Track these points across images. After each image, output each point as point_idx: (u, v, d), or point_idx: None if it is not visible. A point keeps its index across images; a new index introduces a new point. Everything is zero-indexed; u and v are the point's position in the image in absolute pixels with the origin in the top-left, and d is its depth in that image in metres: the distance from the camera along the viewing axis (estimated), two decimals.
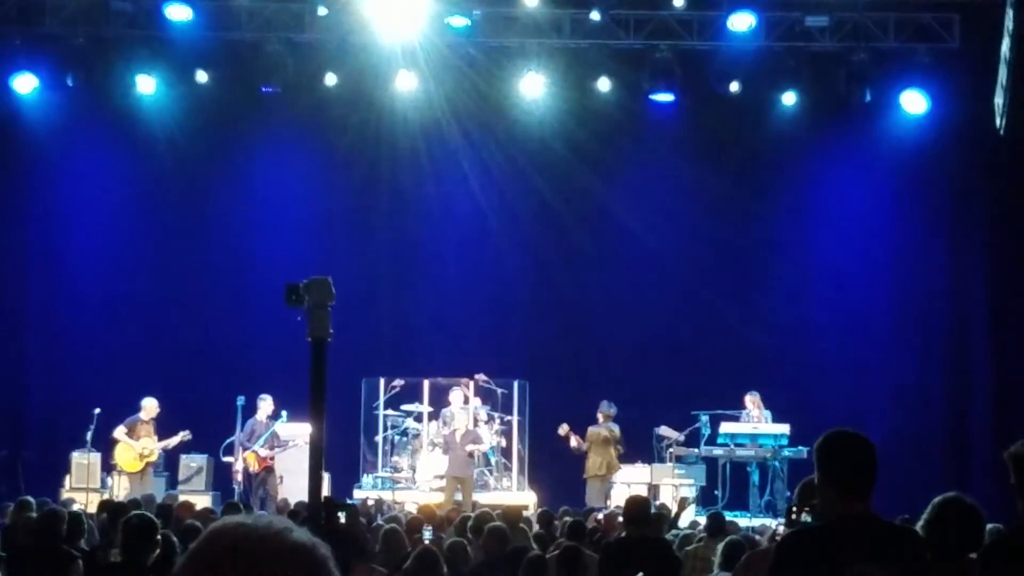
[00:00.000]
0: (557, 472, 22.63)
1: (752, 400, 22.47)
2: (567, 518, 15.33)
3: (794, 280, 24.60)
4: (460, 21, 22.31)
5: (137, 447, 21.28)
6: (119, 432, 21.34)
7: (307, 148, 24.87)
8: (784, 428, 21.99)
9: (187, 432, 21.62)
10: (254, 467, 21.42)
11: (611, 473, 22.08)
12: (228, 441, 21.74)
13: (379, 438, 23.03)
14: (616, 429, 22.16)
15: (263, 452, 21.40)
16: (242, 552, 2.40)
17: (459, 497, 20.91)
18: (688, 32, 23.08)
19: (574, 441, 22.20)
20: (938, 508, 6.32)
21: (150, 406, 21.65)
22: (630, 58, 23.40)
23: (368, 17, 22.09)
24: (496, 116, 24.35)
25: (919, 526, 6.38)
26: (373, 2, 21.66)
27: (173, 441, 21.69)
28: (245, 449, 21.41)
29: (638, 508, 11.33)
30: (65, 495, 20.73)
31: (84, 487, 21.15)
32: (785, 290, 24.49)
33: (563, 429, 22.28)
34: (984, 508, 6.51)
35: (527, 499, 21.98)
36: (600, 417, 22.27)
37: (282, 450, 21.59)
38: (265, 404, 21.67)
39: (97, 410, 21.27)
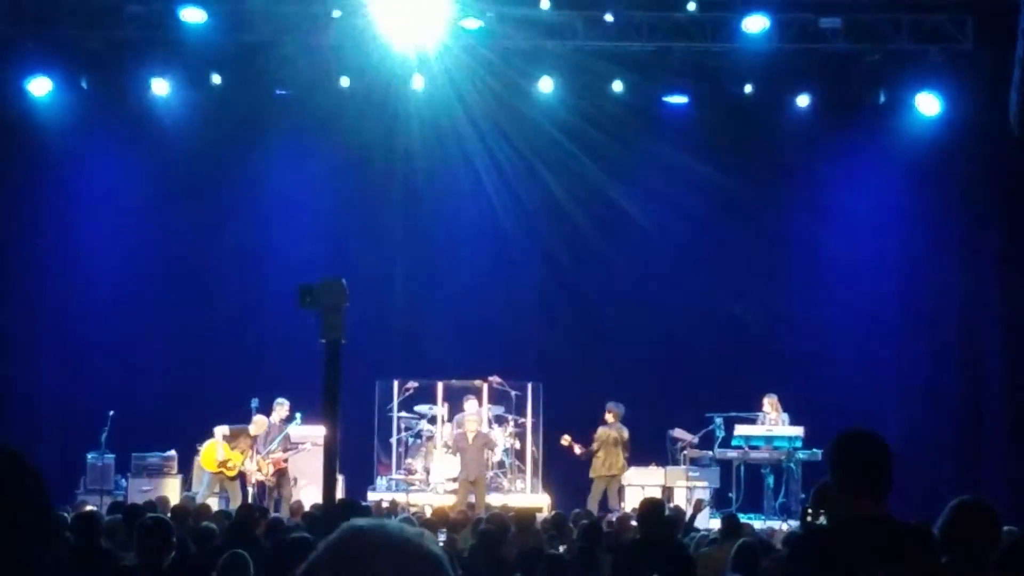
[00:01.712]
0: (571, 474, 22.59)
1: (770, 402, 22.41)
2: (583, 520, 15.32)
3: (807, 281, 24.57)
4: (473, 23, 22.30)
5: (222, 454, 21.19)
6: (221, 429, 21.18)
7: (321, 150, 24.87)
8: (798, 430, 21.96)
9: (271, 477, 21.55)
10: (267, 469, 21.42)
11: (620, 473, 22.05)
12: None
13: (393, 440, 23.04)
14: (626, 432, 22.11)
15: (276, 454, 21.42)
16: (384, 555, 2.43)
17: (472, 499, 20.90)
18: (702, 34, 23.05)
19: (578, 449, 22.12)
20: (955, 510, 6.30)
21: (261, 422, 21.48)
22: (644, 60, 23.37)
23: (382, 19, 22.12)
24: (510, 118, 24.34)
25: (936, 528, 6.37)
26: (387, 5, 21.68)
27: (256, 476, 21.59)
28: (258, 452, 21.42)
29: (652, 510, 11.33)
30: (80, 496, 20.79)
31: (98, 489, 21.16)
32: (798, 291, 24.46)
33: (565, 440, 22.20)
34: (997, 509, 6.49)
35: (541, 501, 21.97)
36: (610, 417, 22.17)
37: (295, 452, 21.61)
38: (281, 408, 21.66)
39: (111, 412, 21.30)
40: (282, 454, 21.46)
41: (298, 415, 21.51)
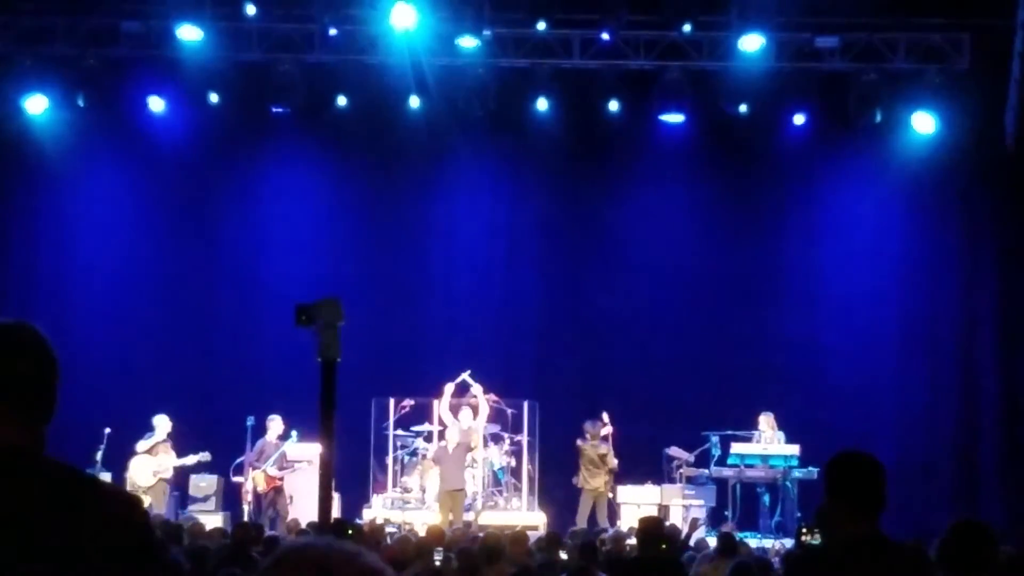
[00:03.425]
0: (567, 492, 22.57)
1: (766, 420, 22.40)
2: (578, 539, 15.29)
3: (804, 300, 24.55)
4: (470, 42, 22.34)
5: (153, 463, 21.26)
6: (140, 445, 21.32)
7: (318, 168, 24.91)
8: (794, 449, 21.94)
9: (206, 453, 21.53)
10: (263, 487, 21.40)
11: (607, 489, 22.11)
12: (238, 461, 21.72)
13: (389, 458, 23.01)
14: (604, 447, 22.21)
15: (272, 472, 21.40)
16: (325, 573, 2.40)
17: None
18: (698, 53, 23.08)
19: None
20: (952, 530, 6.32)
21: (163, 422, 21.64)
22: (640, 79, 23.42)
23: (378, 37, 22.18)
24: (506, 136, 24.39)
25: (934, 548, 6.38)
26: (384, 23, 21.73)
27: (190, 460, 21.60)
28: (254, 469, 21.41)
29: (651, 528, 11.33)
30: None
31: None
32: (794, 309, 24.44)
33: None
34: (994, 529, 6.50)
35: (537, 519, 21.94)
36: (590, 435, 22.15)
37: (291, 470, 21.58)
38: (275, 424, 21.65)
39: (107, 429, 21.29)
40: (278, 471, 21.44)
41: (294, 433, 21.48)
